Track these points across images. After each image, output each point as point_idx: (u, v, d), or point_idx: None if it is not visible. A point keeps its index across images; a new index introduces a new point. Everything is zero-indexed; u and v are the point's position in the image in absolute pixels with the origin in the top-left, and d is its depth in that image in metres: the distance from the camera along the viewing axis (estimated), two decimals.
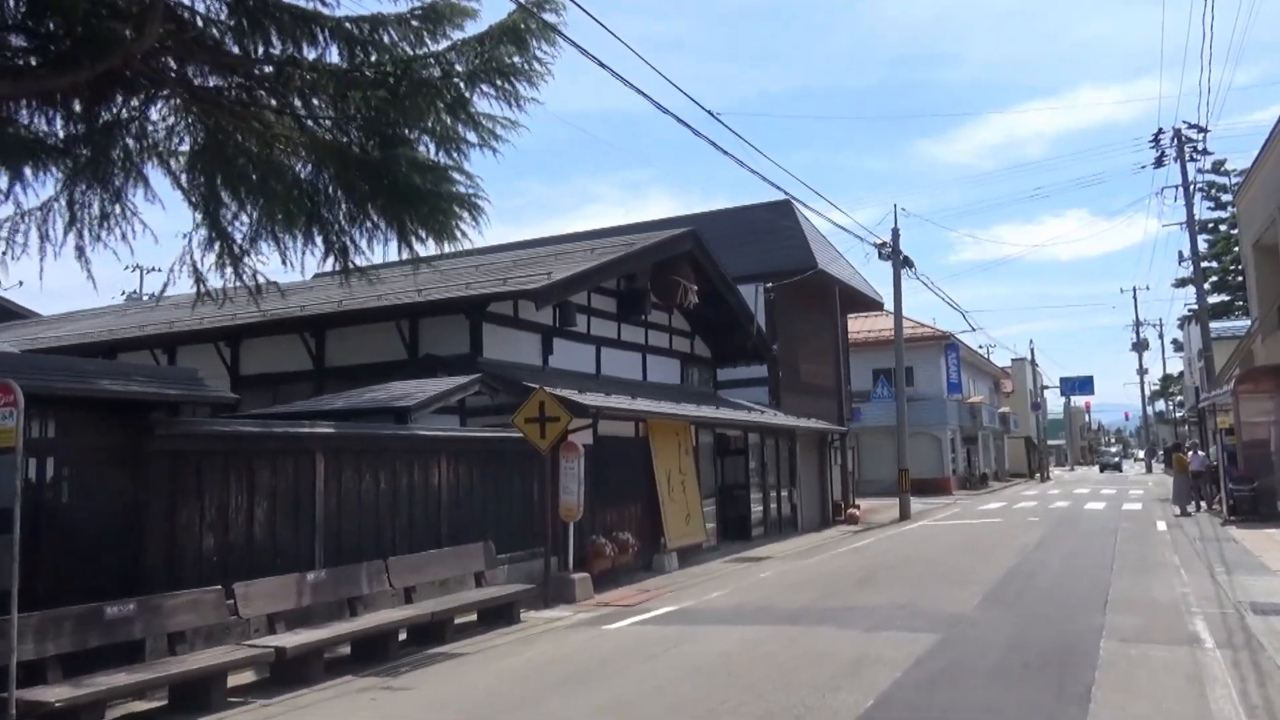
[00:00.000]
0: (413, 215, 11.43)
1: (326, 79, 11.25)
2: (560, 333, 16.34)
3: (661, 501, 15.07)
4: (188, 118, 11.34)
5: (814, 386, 26.99)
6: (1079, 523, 21.13)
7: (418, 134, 11.85)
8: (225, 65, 10.94)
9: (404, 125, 11.57)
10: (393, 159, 11.03)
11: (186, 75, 11.09)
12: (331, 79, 11.22)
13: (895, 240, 25.50)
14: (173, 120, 11.28)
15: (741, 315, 21.07)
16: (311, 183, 11.99)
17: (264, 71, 11.35)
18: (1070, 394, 62.99)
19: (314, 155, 11.76)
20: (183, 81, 10.98)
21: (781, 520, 21.34)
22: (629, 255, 16.29)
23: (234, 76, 11.26)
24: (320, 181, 12.07)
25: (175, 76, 10.98)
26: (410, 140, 11.71)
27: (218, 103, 11.00)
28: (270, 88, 11.44)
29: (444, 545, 10.47)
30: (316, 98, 11.93)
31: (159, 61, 10.72)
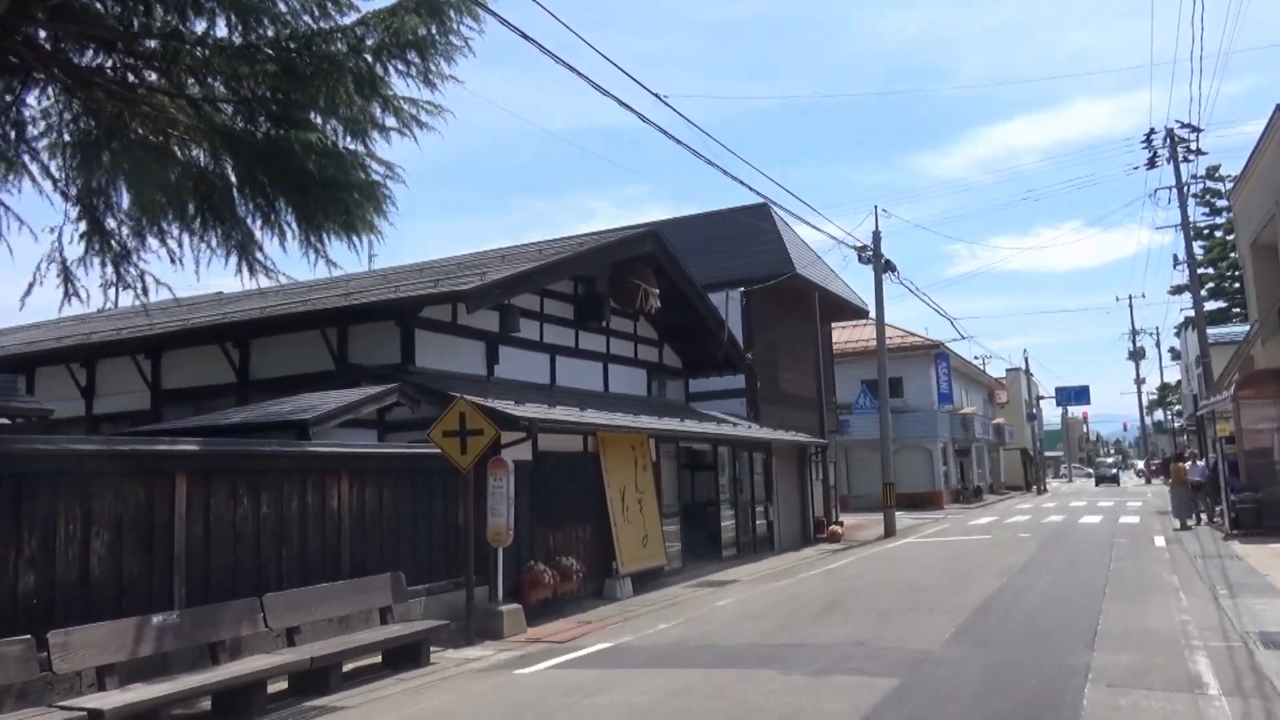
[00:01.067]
0: (316, 206, 10.28)
1: (219, 56, 10.10)
2: (507, 340, 15.15)
3: (614, 522, 13.82)
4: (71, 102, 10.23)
5: (795, 397, 25.78)
6: (1072, 539, 19.89)
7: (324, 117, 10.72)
8: (103, 39, 9.80)
9: (307, 107, 10.41)
10: (287, 143, 9.85)
11: (64, 54, 9.98)
12: (224, 56, 10.07)
13: (876, 243, 24.35)
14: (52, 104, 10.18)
15: (711, 322, 19.87)
16: (208, 172, 10.83)
17: (149, 47, 10.22)
18: (1066, 404, 61.72)
19: (210, 142, 10.60)
20: (60, 61, 9.86)
21: (756, 539, 20.07)
22: (578, 256, 15.10)
23: (116, 54, 10.16)
24: (219, 171, 10.92)
25: (51, 54, 9.86)
26: (314, 124, 10.55)
27: (101, 84, 9.87)
28: (160, 67, 10.32)
29: (346, 577, 9.23)
30: (212, 78, 10.79)
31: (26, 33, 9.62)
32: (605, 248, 15.84)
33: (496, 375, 14.84)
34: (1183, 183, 28.15)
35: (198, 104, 10.42)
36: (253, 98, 10.50)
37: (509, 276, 13.13)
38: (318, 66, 10.21)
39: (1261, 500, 18.23)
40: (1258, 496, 18.26)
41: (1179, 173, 27.87)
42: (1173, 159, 28.37)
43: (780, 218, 26.13)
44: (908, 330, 39.74)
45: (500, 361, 14.97)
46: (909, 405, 38.61)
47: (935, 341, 38.12)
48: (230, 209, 10.57)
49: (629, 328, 19.26)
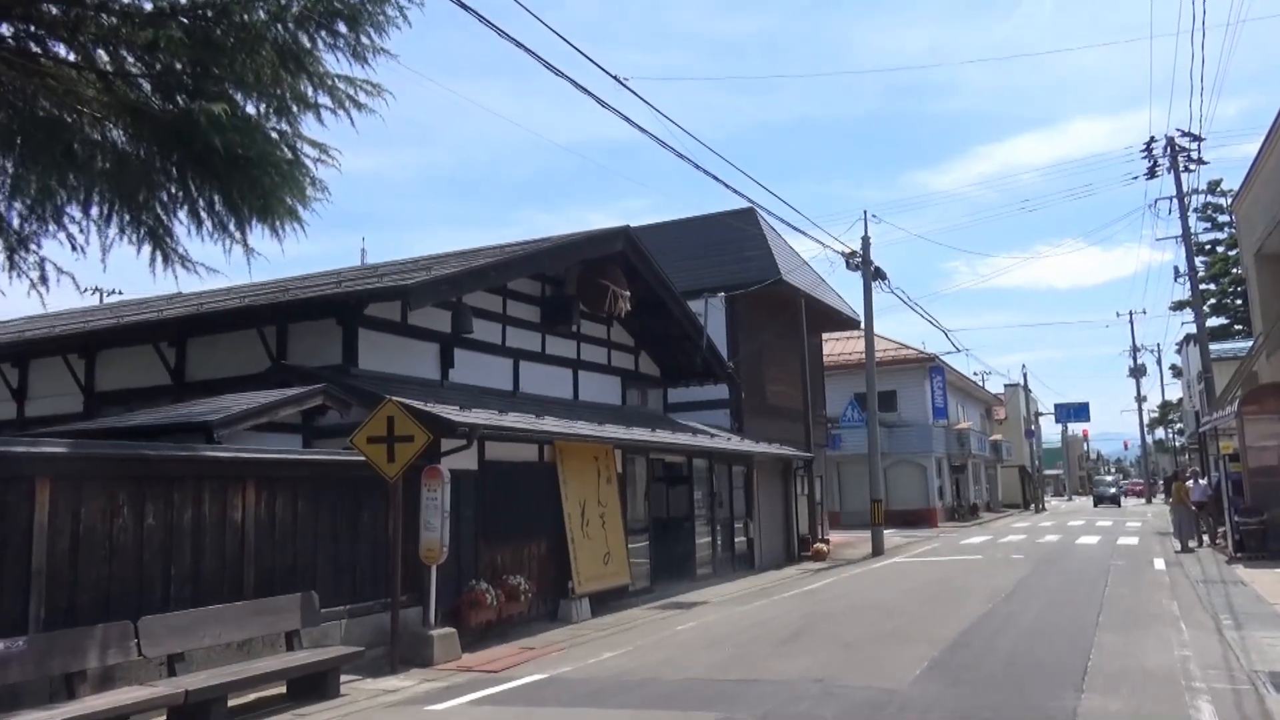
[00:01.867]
0: (227, 187, 9.38)
1: (128, 24, 9.25)
2: (463, 343, 14.22)
3: (571, 538, 12.85)
4: None
5: (782, 409, 24.85)
6: (1067, 561, 18.88)
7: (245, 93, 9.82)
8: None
9: (226, 81, 9.51)
10: (194, 119, 8.95)
11: None
12: (134, 24, 9.22)
13: (865, 249, 23.43)
14: None
15: (689, 327, 18.95)
16: (118, 152, 9.94)
17: (50, 13, 9.36)
18: (1066, 421, 60.67)
19: (120, 119, 9.72)
20: None
21: (735, 557, 19.08)
22: (539, 253, 14.17)
23: (13, 20, 9.30)
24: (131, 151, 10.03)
25: None
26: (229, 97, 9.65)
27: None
28: (65, 36, 9.46)
29: (250, 597, 8.28)
30: (124, 49, 9.90)
31: None
32: (570, 245, 14.92)
33: (452, 380, 13.90)
34: (1183, 192, 27.27)
35: (108, 78, 9.55)
36: (166, 70, 9.64)
37: (458, 272, 12.20)
38: (236, 36, 9.35)
39: (1267, 521, 17.25)
40: (1263, 517, 17.28)
41: (1179, 181, 26.97)
42: (1173, 168, 27.48)
43: (767, 223, 25.29)
44: (902, 343, 38.80)
45: (456, 365, 14.03)
46: (903, 420, 37.65)
47: (930, 354, 37.17)
48: (141, 192, 9.70)
49: (602, 333, 18.34)
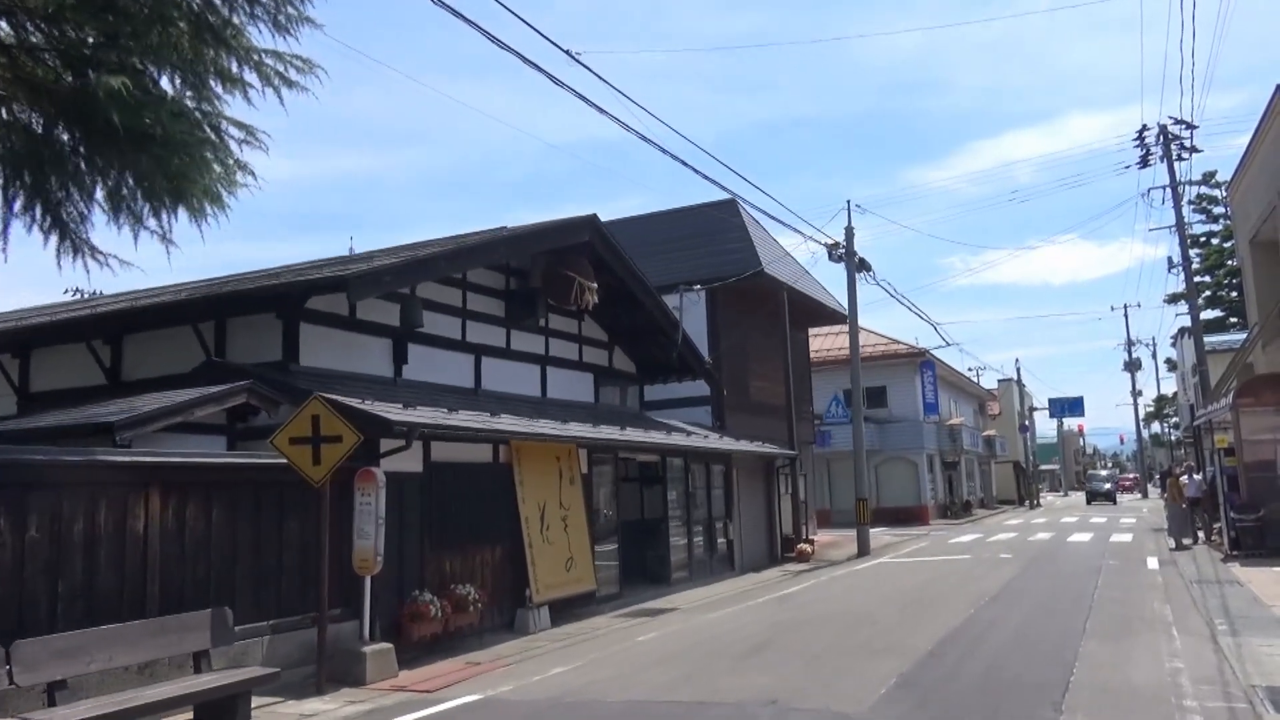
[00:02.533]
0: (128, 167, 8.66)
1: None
2: (419, 338, 13.51)
3: (528, 543, 12.12)
4: None
5: (766, 406, 24.13)
6: (1057, 560, 18.20)
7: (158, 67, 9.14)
8: None
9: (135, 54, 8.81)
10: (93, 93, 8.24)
11: None
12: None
13: (849, 239, 22.72)
14: None
15: (663, 321, 18.23)
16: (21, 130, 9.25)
17: None
18: (1060, 416, 60.00)
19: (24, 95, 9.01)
20: None
21: (714, 559, 18.37)
22: (494, 242, 13.43)
23: None
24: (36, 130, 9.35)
25: None
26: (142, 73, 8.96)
27: None
28: None
29: (155, 614, 7.56)
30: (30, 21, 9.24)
31: None
32: (529, 236, 14.19)
33: (405, 377, 13.18)
34: (1177, 179, 26.62)
35: (10, 50, 8.84)
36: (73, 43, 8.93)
37: (401, 262, 11.48)
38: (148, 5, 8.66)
39: (1264, 518, 16.57)
40: (1259, 514, 16.61)
41: (1172, 168, 26.34)
42: (1166, 155, 26.84)
43: (749, 214, 24.56)
44: (892, 338, 38.12)
45: (410, 361, 13.30)
46: (893, 415, 36.97)
47: (920, 349, 36.50)
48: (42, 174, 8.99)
49: (572, 328, 17.62)
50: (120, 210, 9.28)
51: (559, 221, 14.80)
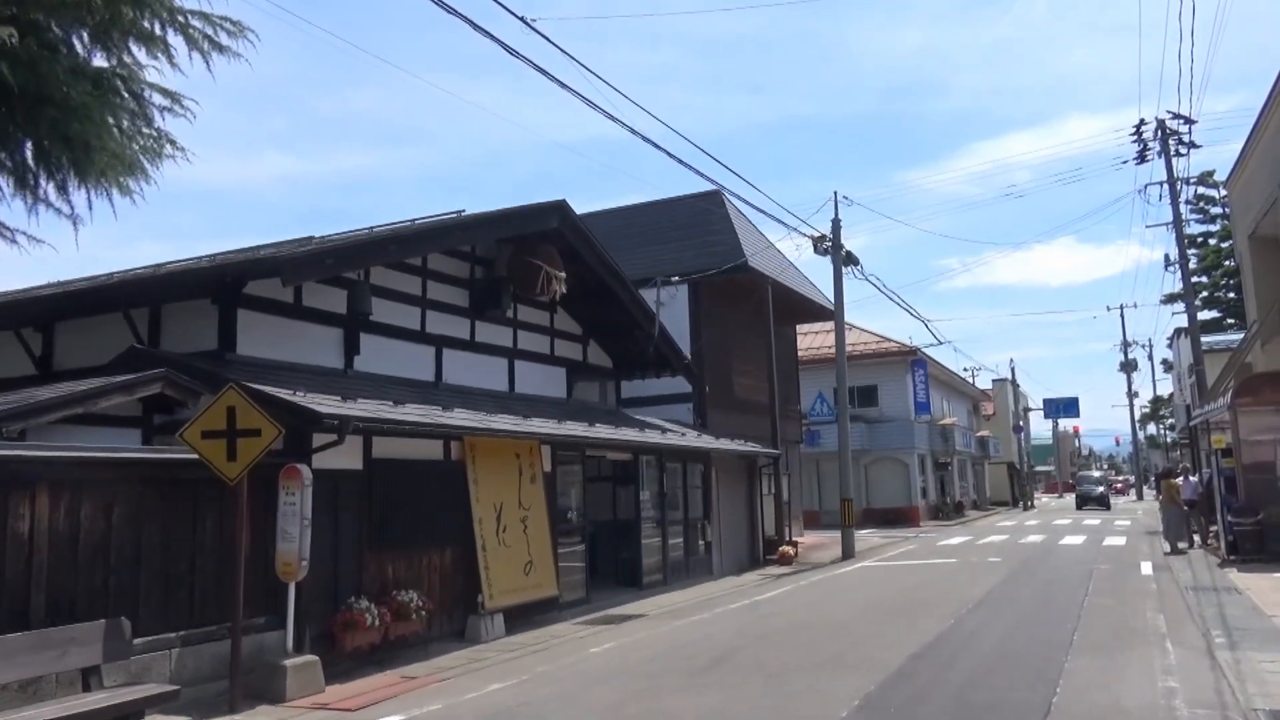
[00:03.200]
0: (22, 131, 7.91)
1: None
2: (373, 328, 12.77)
3: (481, 546, 11.38)
4: None
5: (750, 403, 23.41)
6: (1047, 564, 17.49)
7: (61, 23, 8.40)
8: None
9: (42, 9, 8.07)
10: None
11: None
12: None
13: (835, 231, 21.99)
14: None
15: (639, 315, 17.49)
16: None
17: None
18: (1055, 416, 59.33)
19: None
20: None
21: (691, 562, 17.64)
22: (449, 227, 12.67)
23: None
24: None
25: None
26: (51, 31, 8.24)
27: None
28: None
29: (41, 625, 6.82)
30: None
31: None
32: (489, 221, 13.42)
33: (357, 369, 12.44)
34: (1174, 174, 25.96)
35: None
36: None
37: (343, 244, 10.74)
38: None
39: (1262, 522, 15.87)
40: (1258, 517, 15.91)
41: (1169, 162, 25.70)
42: (1164, 151, 26.24)
43: (734, 206, 23.87)
44: (883, 336, 37.42)
45: (362, 352, 12.56)
46: (884, 415, 36.27)
47: (912, 348, 35.79)
48: None
49: (543, 320, 16.89)
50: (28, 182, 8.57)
51: (524, 207, 14.04)
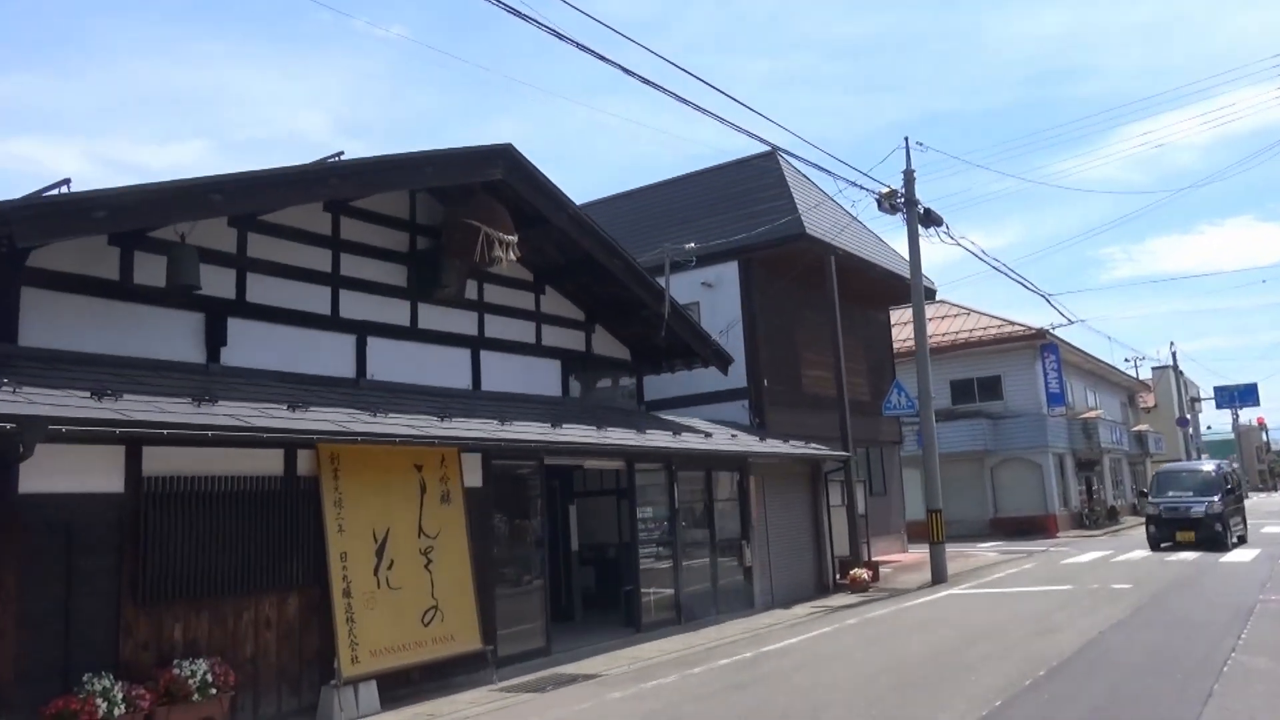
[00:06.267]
0: None
1: None
2: (252, 312, 10.18)
3: (342, 591, 8.44)
4: None
5: (825, 400, 19.75)
6: (1191, 593, 13.16)
7: None
8: None
9: None
10: None
11: None
12: None
13: (909, 185, 18.06)
14: None
15: (641, 291, 14.28)
16: None
17: None
18: (1230, 406, 51.88)
19: None
20: None
21: (721, 594, 14.21)
22: (319, 174, 9.76)
23: None
24: None
25: None
26: None
27: None
28: None
29: None
30: None
31: None
32: (379, 168, 10.41)
33: (226, 363, 9.83)
34: None
35: None
36: None
37: (126, 193, 8.00)
38: None
39: None
40: None
41: None
42: None
43: (793, 167, 20.34)
44: (1005, 319, 32.61)
45: (232, 343, 9.96)
46: (1010, 409, 31.47)
47: (1039, 329, 30.88)
48: None
49: (525, 302, 14.02)
50: None
51: (449, 151, 11.08)
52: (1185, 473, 22.55)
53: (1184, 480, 21.65)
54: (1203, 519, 19.80)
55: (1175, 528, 20.14)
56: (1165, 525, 20.35)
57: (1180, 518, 20.16)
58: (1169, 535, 20.22)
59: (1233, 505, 21.21)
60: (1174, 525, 20.17)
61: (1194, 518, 19.93)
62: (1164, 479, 22.08)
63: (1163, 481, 22.02)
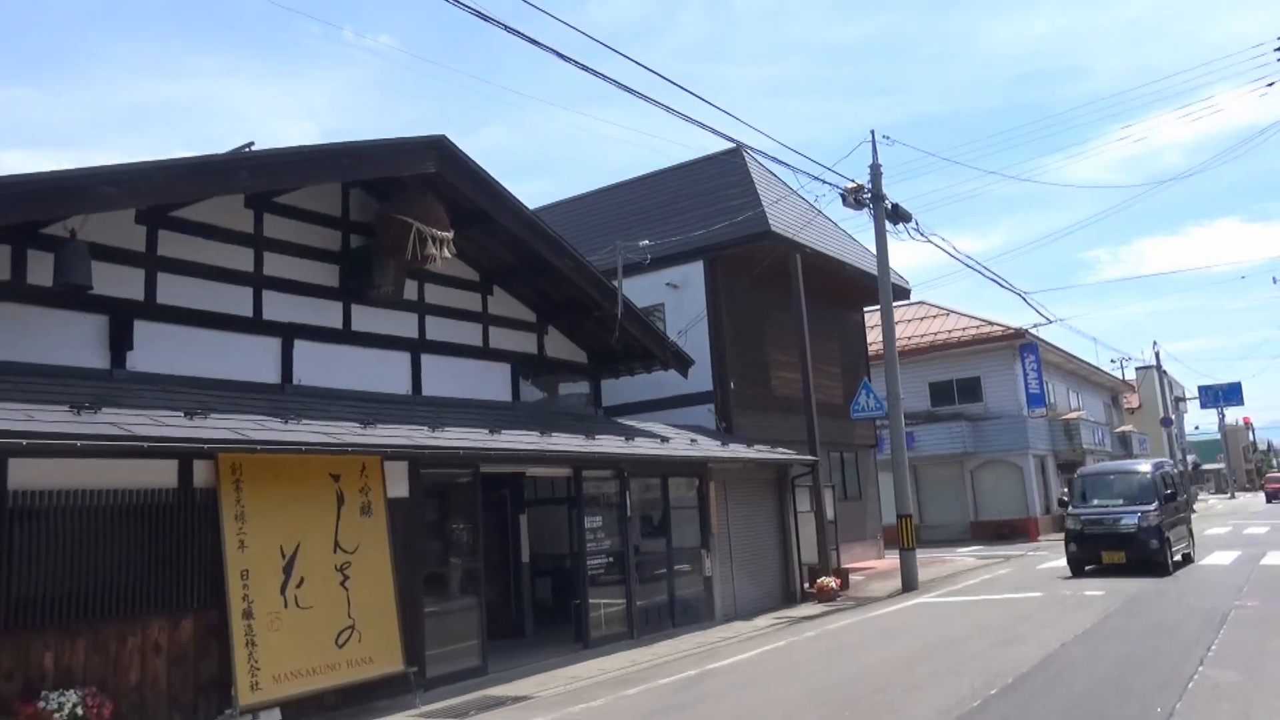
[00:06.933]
0: None
1: None
2: (163, 314, 9.58)
3: (242, 612, 7.83)
4: None
5: (796, 402, 19.17)
6: (1166, 599, 12.63)
7: None
8: None
9: None
10: None
11: None
12: None
13: (875, 179, 17.53)
14: None
15: (592, 290, 13.71)
16: None
17: None
18: (1214, 405, 51.49)
19: None
20: None
21: (679, 606, 13.60)
22: (227, 164, 9.17)
23: None
24: None
25: None
26: None
27: None
28: None
29: None
30: None
31: None
32: (315, 158, 9.88)
33: (133, 368, 9.23)
34: None
35: None
36: None
37: (10, 182, 7.38)
38: None
39: None
40: None
41: None
42: None
43: (758, 163, 19.86)
44: (984, 319, 32.16)
45: (140, 347, 9.36)
46: (990, 411, 31.01)
47: (1018, 329, 30.42)
48: None
49: (471, 303, 13.45)
50: None
51: (373, 143, 10.49)
52: (1114, 475, 17.86)
53: (1113, 485, 17.26)
54: (1135, 534, 15.63)
55: (1101, 546, 16.03)
56: (1088, 543, 16.23)
57: (1107, 533, 16.00)
58: (1093, 555, 16.15)
59: (1174, 516, 16.77)
60: (1099, 543, 16.08)
61: (1124, 533, 15.78)
62: (1088, 483, 17.63)
63: (1087, 486, 17.54)
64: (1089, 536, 16.25)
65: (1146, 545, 15.50)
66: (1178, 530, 16.92)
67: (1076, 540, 16.42)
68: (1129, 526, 15.75)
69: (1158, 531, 15.60)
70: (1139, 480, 16.98)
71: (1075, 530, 16.46)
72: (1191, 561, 17.25)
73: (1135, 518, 15.75)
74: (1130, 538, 15.68)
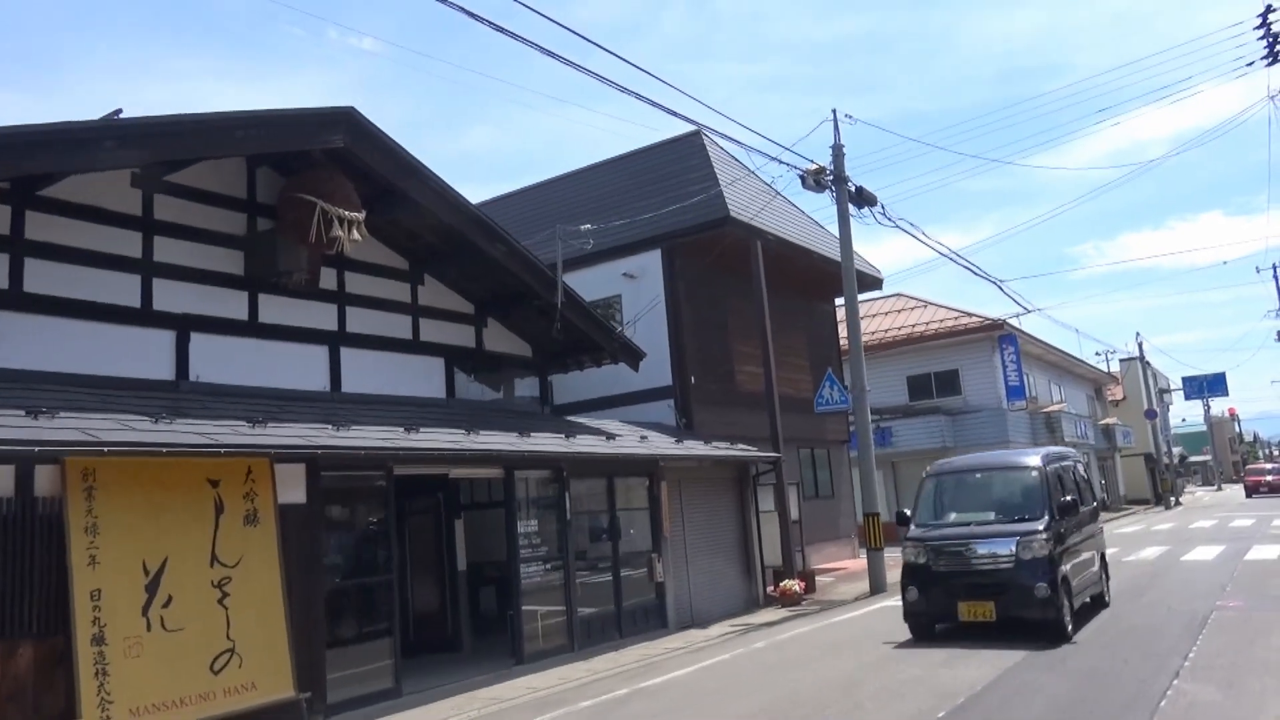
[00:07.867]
0: None
1: None
2: (32, 304, 8.64)
3: (92, 637, 6.88)
4: None
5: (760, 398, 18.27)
6: (1146, 599, 11.79)
7: None
8: None
9: None
10: None
11: None
12: None
13: (838, 161, 16.65)
14: None
15: (531, 278, 12.80)
16: None
17: None
18: (1199, 396, 50.87)
19: None
20: None
21: (626, 615, 12.68)
22: (96, 132, 8.19)
23: None
24: None
25: None
26: None
27: None
28: None
29: None
30: None
31: None
32: (201, 129, 8.90)
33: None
34: None
35: None
36: None
37: None
38: None
39: None
40: None
41: None
42: None
43: (719, 146, 18.99)
44: (963, 310, 31.36)
45: (5, 339, 8.39)
46: (969, 404, 30.22)
47: (997, 320, 29.64)
48: None
49: (400, 293, 12.53)
50: None
51: (269, 113, 9.54)
52: (984, 474, 11.02)
53: (982, 489, 10.73)
54: (1010, 573, 9.33)
55: (955, 592, 9.60)
56: (937, 586, 9.75)
57: (965, 570, 9.67)
58: (944, 606, 9.72)
59: (1076, 540, 10.34)
60: (953, 586, 9.64)
61: (991, 570, 9.51)
62: (944, 487, 10.88)
63: (941, 493, 10.81)
64: (938, 576, 9.77)
65: (1028, 591, 9.15)
66: (1080, 558, 10.43)
67: (918, 580, 9.93)
68: (1004, 560, 9.42)
69: (1047, 568, 9.22)
70: (1022, 482, 10.34)
71: (916, 563, 10.00)
72: (1105, 606, 11.16)
73: (1011, 545, 9.42)
74: (1004, 579, 9.36)
